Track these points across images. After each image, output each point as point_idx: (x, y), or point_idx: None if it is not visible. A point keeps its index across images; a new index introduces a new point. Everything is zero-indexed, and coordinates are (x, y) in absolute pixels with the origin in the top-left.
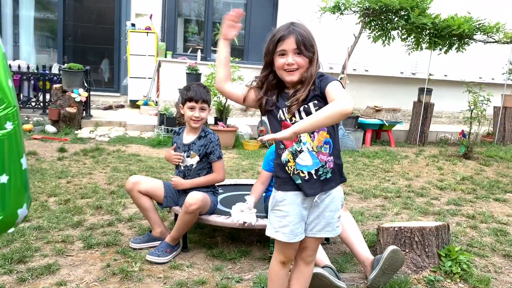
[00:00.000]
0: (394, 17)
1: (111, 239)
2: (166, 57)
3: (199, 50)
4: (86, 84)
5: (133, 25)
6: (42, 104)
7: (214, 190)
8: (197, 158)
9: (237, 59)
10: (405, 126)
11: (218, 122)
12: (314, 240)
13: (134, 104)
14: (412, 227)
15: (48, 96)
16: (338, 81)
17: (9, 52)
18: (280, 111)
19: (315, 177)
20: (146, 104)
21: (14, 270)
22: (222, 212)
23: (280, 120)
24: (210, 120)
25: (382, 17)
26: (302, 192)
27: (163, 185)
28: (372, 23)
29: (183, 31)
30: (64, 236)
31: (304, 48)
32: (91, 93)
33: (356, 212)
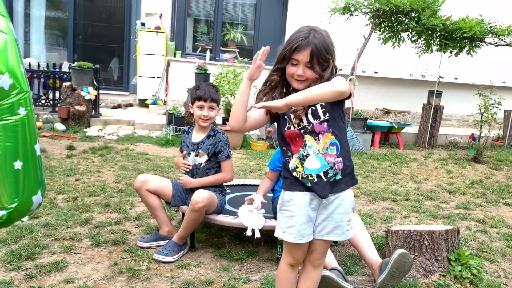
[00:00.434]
0: (404, 18)
1: (119, 238)
2: (175, 56)
3: (208, 50)
4: (95, 82)
5: (143, 24)
6: (51, 102)
7: (222, 190)
8: (205, 157)
9: (246, 59)
10: (414, 129)
11: (226, 122)
12: (323, 243)
13: (142, 103)
14: (421, 231)
15: (57, 94)
16: (341, 77)
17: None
18: (286, 117)
19: (325, 179)
20: (154, 103)
21: (22, 267)
22: (230, 212)
23: (287, 129)
24: (218, 120)
25: (393, 18)
26: (315, 193)
27: (172, 184)
28: (382, 25)
29: (193, 31)
30: (72, 233)
31: (316, 62)
32: (100, 91)
33: (364, 214)
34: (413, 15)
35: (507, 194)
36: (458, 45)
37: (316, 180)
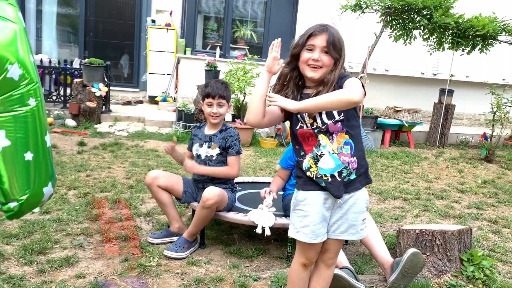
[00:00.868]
0: (416, 16)
1: (129, 233)
2: (185, 53)
3: (218, 47)
4: (106, 79)
5: (153, 21)
6: (62, 98)
7: (233, 187)
8: (217, 150)
9: (255, 57)
10: (425, 127)
11: (236, 120)
12: (337, 242)
13: (152, 100)
14: (433, 230)
15: (68, 90)
16: (357, 78)
17: (31, 46)
18: (299, 116)
19: (339, 179)
20: (164, 100)
21: (34, 261)
22: (240, 209)
23: (299, 128)
24: (228, 117)
25: (404, 16)
26: (330, 193)
27: (182, 180)
28: (393, 22)
29: (203, 28)
30: (83, 229)
31: (333, 48)
32: (111, 88)
33: (375, 213)
34: (425, 13)
35: None
36: (470, 43)
37: (330, 180)
